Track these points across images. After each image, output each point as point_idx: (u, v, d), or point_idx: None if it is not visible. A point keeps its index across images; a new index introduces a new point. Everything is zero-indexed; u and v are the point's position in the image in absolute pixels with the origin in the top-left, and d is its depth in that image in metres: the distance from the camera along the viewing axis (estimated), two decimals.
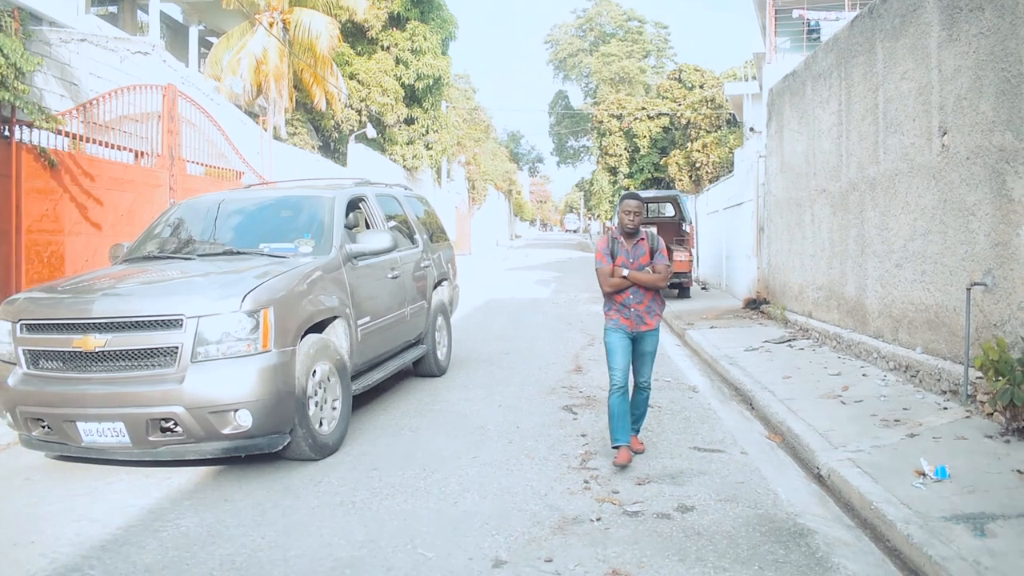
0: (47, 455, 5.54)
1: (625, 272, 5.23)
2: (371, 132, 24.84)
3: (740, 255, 15.71)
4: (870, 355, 8.25)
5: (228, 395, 4.76)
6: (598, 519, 4.15)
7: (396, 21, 27.01)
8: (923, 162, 7.20)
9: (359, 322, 6.21)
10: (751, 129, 15.91)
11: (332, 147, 25.90)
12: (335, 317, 5.85)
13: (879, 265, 8.24)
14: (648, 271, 5.29)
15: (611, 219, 41.44)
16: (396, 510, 4.32)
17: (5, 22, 8.78)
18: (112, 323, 4.88)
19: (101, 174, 9.96)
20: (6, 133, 8.59)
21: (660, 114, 37.87)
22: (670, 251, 15.60)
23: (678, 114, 35.79)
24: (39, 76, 10.26)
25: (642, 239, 5.36)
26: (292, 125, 23.41)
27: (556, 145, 63.01)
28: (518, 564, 3.59)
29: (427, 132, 28.81)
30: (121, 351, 4.85)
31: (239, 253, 6.08)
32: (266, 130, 18.04)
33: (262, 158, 16.54)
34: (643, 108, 40.85)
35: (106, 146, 10.42)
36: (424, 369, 8.21)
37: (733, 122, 29.66)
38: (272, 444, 4.99)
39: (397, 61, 26.81)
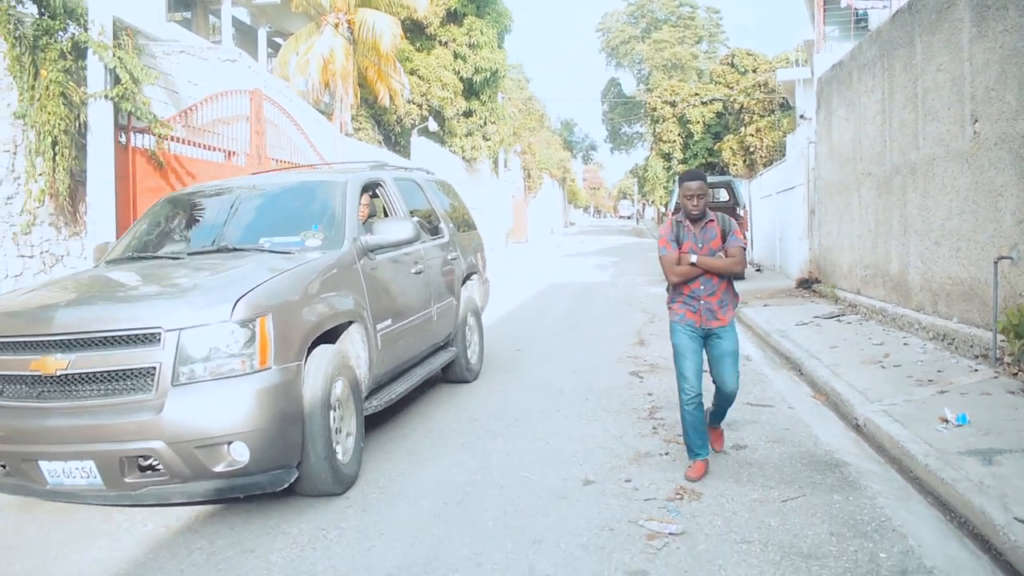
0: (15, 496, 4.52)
1: (693, 258, 4.56)
2: (432, 125, 25.85)
3: (792, 237, 16.32)
4: (912, 327, 8.93)
5: (218, 425, 3.88)
6: (666, 454, 5.04)
7: (454, 17, 27.89)
8: (957, 148, 7.87)
9: (379, 326, 5.29)
10: (801, 116, 16.48)
11: (394, 140, 26.95)
12: (350, 322, 4.95)
13: (920, 243, 8.91)
14: (721, 256, 4.61)
15: (666, 204, 41.95)
16: (498, 449, 5.25)
17: (123, 40, 9.91)
18: (76, 340, 3.97)
19: (200, 173, 11.04)
20: (122, 139, 9.72)
21: (713, 100, 38.21)
22: None
23: (731, 99, 36.11)
24: (147, 86, 11.39)
25: (711, 221, 4.68)
26: (357, 121, 24.48)
27: (609, 132, 63.48)
28: (603, 483, 4.50)
29: (485, 124, 29.70)
30: (87, 374, 3.94)
31: (235, 250, 5.12)
32: (342, 129, 19.12)
33: (335, 153, 17.60)
34: (696, 94, 41.21)
35: (202, 147, 11.55)
36: (453, 375, 7.34)
37: (786, 106, 29.98)
38: (276, 481, 4.10)
39: (455, 56, 27.71)
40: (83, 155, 9.05)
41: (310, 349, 4.41)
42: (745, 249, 4.73)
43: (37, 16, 9.08)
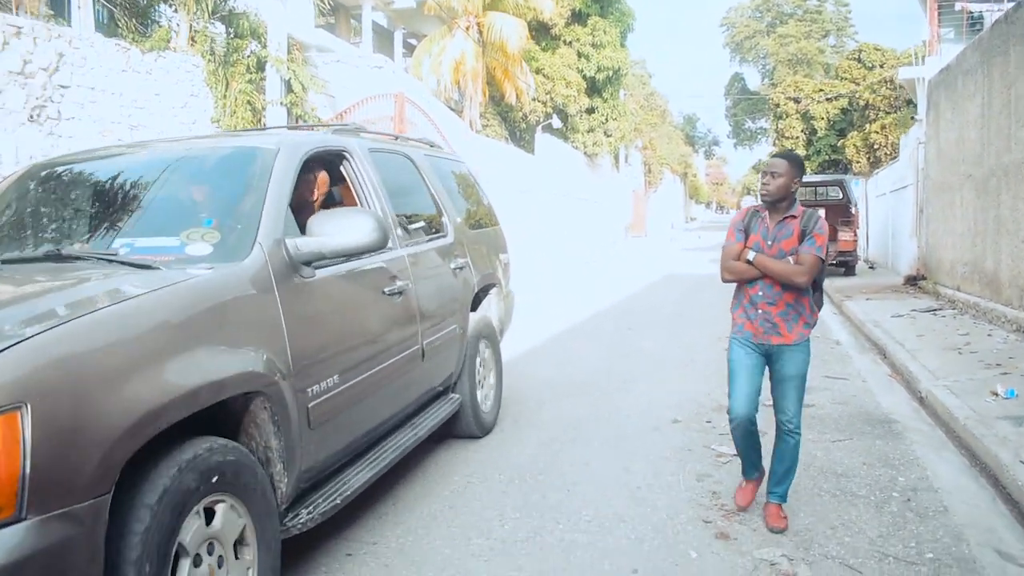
0: None
1: (751, 255, 3.80)
2: (556, 122, 27.13)
3: (903, 235, 16.78)
4: (999, 320, 9.59)
5: None
6: None
7: (578, 17, 29.03)
8: None
9: (313, 390, 3.23)
10: (912, 117, 16.89)
11: (519, 136, 28.35)
12: (249, 395, 2.89)
13: (1010, 242, 9.55)
14: (789, 261, 3.75)
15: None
16: (607, 401, 6.43)
17: (294, 54, 11.56)
18: None
19: None
20: None
21: (838, 96, 37.96)
22: (835, 231, 16.94)
23: (857, 95, 35.83)
24: (311, 92, 13.07)
25: (792, 216, 3.81)
26: (485, 118, 25.96)
27: (732, 128, 63.22)
28: (688, 422, 5.66)
29: (606, 120, 30.74)
30: None
31: (67, 259, 3.17)
32: (471, 126, 20.63)
33: (467, 149, 19.10)
34: (821, 90, 40.94)
35: None
36: (458, 427, 5.25)
37: (912, 103, 29.77)
38: None
39: (579, 55, 28.85)
40: None
41: (149, 463, 2.38)
42: (822, 259, 3.72)
43: (227, 36, 10.80)
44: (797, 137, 41.52)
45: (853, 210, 17.88)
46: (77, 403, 2.13)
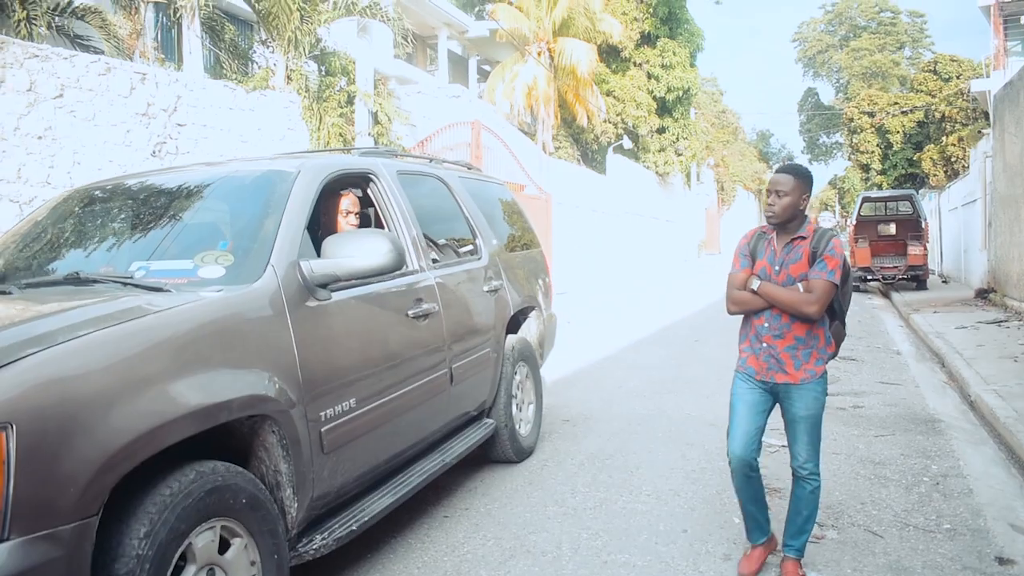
0: None
1: (755, 284, 3.47)
2: (626, 143, 27.76)
3: (974, 249, 16.89)
4: None
5: None
6: None
7: (647, 39, 29.62)
8: None
9: (327, 413, 3.21)
10: (979, 132, 17.01)
11: (591, 157, 29.04)
12: (256, 419, 2.92)
13: None
14: (798, 288, 3.38)
15: (845, 217, 41.46)
16: (672, 400, 7.03)
17: (380, 88, 12.49)
18: None
19: None
20: None
21: (914, 108, 37.61)
22: (905, 245, 17.13)
23: (933, 108, 35.48)
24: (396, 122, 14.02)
25: (802, 238, 3.43)
26: (557, 140, 26.72)
27: (807, 143, 62.72)
28: None
29: (677, 139, 31.20)
30: None
31: (87, 282, 3.17)
32: (544, 149, 21.41)
33: (540, 172, 19.86)
34: (896, 103, 40.58)
35: None
36: (494, 453, 5.19)
37: (988, 115, 29.45)
38: None
39: (649, 76, 29.43)
40: None
41: (144, 488, 2.39)
42: (836, 284, 3.33)
43: (320, 74, 11.79)
44: (872, 151, 41.23)
45: (923, 224, 18.02)
46: (65, 424, 2.14)
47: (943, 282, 19.81)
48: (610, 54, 29.01)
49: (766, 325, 3.47)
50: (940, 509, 4.30)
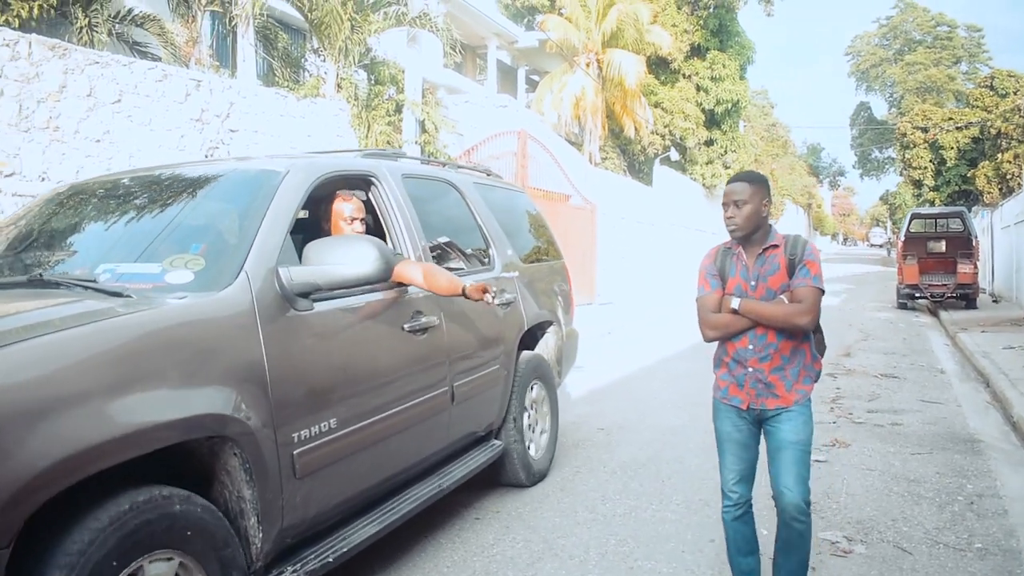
0: None
1: (735, 303, 3.14)
2: (674, 155, 27.71)
3: None
4: None
5: None
6: (833, 423, 6.64)
7: (697, 51, 29.57)
8: None
9: (299, 435, 2.92)
10: None
11: (637, 168, 29.04)
12: (215, 441, 2.66)
13: None
14: (782, 300, 3.10)
15: (896, 233, 40.86)
16: (707, 412, 7.02)
17: (428, 97, 12.69)
18: None
19: None
20: None
21: (969, 124, 36.96)
22: (955, 263, 16.85)
23: (988, 124, 34.83)
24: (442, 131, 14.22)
25: (774, 246, 3.17)
26: (604, 151, 26.77)
27: (858, 157, 61.89)
28: None
29: (725, 152, 31.07)
30: None
31: (49, 284, 2.96)
32: (590, 160, 21.49)
33: (586, 182, 19.93)
34: (950, 118, 39.91)
35: None
36: (503, 475, 4.87)
37: None
38: None
39: (697, 88, 29.38)
40: None
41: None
42: (821, 290, 3.09)
43: (369, 83, 12.02)
44: (925, 167, 40.59)
45: (974, 242, 17.71)
46: None
47: (993, 301, 19.42)
48: (659, 65, 29.01)
49: (750, 347, 3.13)
50: (972, 528, 4.28)
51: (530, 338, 5.15)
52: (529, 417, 5.02)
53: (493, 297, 3.80)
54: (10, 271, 3.31)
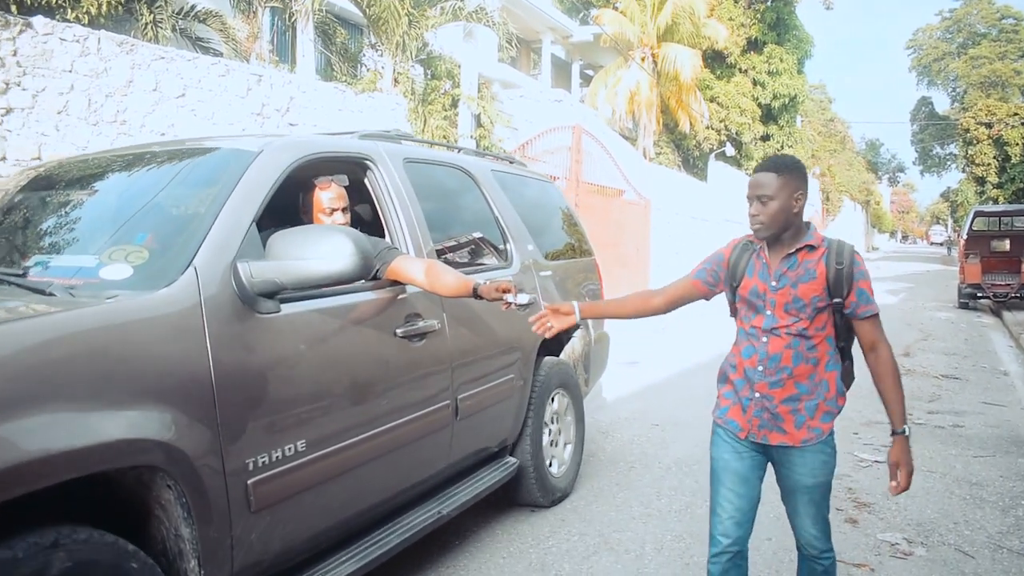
0: None
1: (578, 312, 3.00)
2: (729, 150, 27.41)
3: None
4: None
5: None
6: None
7: (754, 45, 29.18)
8: None
9: (254, 461, 2.46)
10: None
11: (692, 163, 28.79)
12: (140, 471, 2.21)
13: None
14: (807, 312, 2.58)
15: (957, 231, 39.91)
16: None
17: (483, 92, 12.74)
18: None
19: None
20: None
21: None
22: (1020, 262, 16.39)
23: None
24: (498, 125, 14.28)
25: (810, 247, 2.59)
26: (658, 146, 26.59)
27: (919, 154, 60.53)
28: (839, 433, 6.11)
29: (782, 147, 30.60)
30: None
31: None
32: (644, 155, 21.38)
33: (640, 177, 19.84)
34: (1016, 114, 38.88)
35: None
36: (519, 494, 4.40)
37: None
38: None
39: (754, 83, 28.99)
40: None
41: None
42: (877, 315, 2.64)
43: (426, 77, 12.11)
44: (989, 164, 39.67)
45: None
46: None
47: None
48: (715, 59, 28.71)
49: (759, 369, 2.61)
50: None
51: (554, 342, 4.56)
52: (550, 431, 4.54)
53: (515, 297, 3.19)
54: None
